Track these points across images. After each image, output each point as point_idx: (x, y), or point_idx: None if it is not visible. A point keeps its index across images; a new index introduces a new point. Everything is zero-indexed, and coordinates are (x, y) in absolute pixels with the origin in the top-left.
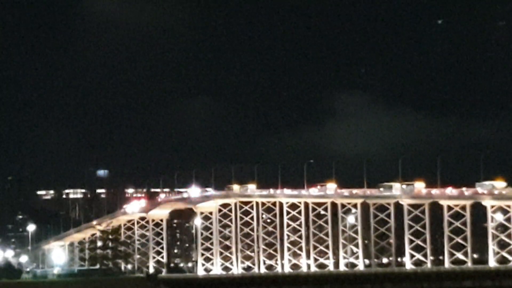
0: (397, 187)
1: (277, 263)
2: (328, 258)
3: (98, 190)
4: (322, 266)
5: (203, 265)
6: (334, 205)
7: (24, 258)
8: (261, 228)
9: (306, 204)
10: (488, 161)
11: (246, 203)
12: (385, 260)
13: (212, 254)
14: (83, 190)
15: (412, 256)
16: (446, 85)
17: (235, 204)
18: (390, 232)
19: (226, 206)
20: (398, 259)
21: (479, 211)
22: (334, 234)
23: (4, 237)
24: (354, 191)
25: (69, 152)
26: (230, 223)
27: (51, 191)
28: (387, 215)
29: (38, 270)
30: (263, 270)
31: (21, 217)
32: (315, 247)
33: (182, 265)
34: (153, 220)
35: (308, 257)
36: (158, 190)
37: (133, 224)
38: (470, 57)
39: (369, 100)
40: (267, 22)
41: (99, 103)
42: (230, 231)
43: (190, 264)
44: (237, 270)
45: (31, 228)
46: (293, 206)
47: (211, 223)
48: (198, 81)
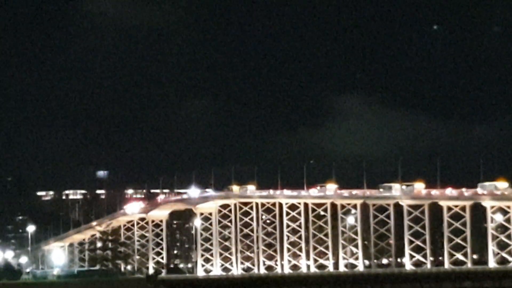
0: (396, 188)
1: (276, 264)
2: (328, 259)
3: (98, 191)
4: (321, 267)
5: (203, 266)
6: (333, 206)
7: (24, 259)
8: (260, 229)
9: (306, 205)
10: (488, 162)
11: (246, 204)
12: (385, 261)
13: (211, 255)
14: (83, 191)
15: (412, 256)
16: (446, 86)
17: (235, 205)
18: (390, 232)
19: (225, 207)
20: (398, 260)
21: (479, 212)
22: (334, 235)
23: (4, 238)
24: (354, 192)
25: (69, 153)
26: (229, 224)
27: (51, 192)
28: (387, 216)
29: (38, 271)
30: (263, 271)
31: (21, 218)
32: (315, 248)
33: (181, 266)
34: (152, 221)
35: (307, 258)
36: (157, 191)
37: (132, 225)
38: (469, 58)
39: (368, 101)
40: (267, 24)
41: (99, 104)
42: (229, 232)
43: (189, 265)
44: (236, 271)
45: (31, 229)
46: (292, 207)
47: (211, 224)
48: (198, 82)
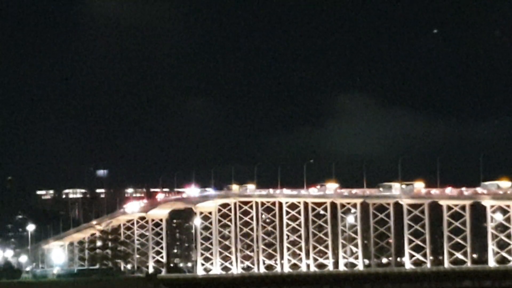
0: (396, 187)
1: (276, 263)
2: (327, 258)
3: (98, 190)
4: (321, 266)
5: (203, 265)
6: (333, 205)
7: (23, 258)
8: (260, 228)
9: (306, 204)
10: (487, 161)
11: (246, 203)
12: (384, 260)
13: (211, 254)
14: (83, 190)
15: (411, 256)
16: (446, 86)
17: (235, 204)
18: (390, 232)
19: (225, 206)
20: (398, 259)
21: (479, 211)
22: (334, 234)
23: (3, 237)
24: (354, 191)
25: (68, 152)
26: (229, 223)
27: (51, 191)
28: (387, 215)
29: (37, 270)
30: (263, 270)
31: (20, 217)
32: (315, 247)
33: (181, 265)
34: (152, 220)
35: (307, 257)
36: (157, 190)
37: (132, 224)
38: (469, 57)
39: (369, 100)
40: (267, 24)
41: (99, 103)
42: (229, 231)
43: (189, 264)
44: (236, 270)
45: (31, 228)
46: (292, 206)
47: (211, 223)
48: (198, 81)
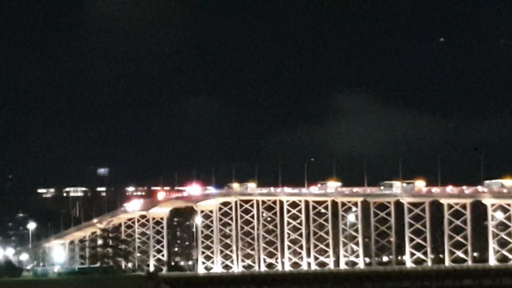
0: (397, 186)
1: (277, 262)
2: (328, 256)
3: (99, 189)
4: (322, 264)
5: (204, 263)
6: (334, 203)
7: (24, 256)
8: (261, 226)
9: (307, 202)
10: (488, 159)
11: (247, 202)
12: (385, 258)
13: (212, 253)
14: (84, 189)
15: (412, 254)
16: (447, 84)
17: (236, 202)
18: (391, 230)
19: (226, 204)
20: (399, 258)
21: (480, 210)
22: (335, 233)
23: (4, 235)
24: (355, 190)
25: (69, 150)
26: (230, 222)
27: (52, 189)
28: (388, 214)
29: (38, 268)
30: (264, 268)
31: (21, 215)
32: (316, 246)
33: (182, 263)
34: (153, 218)
35: (308, 255)
36: (158, 188)
37: (133, 222)
38: (470, 56)
39: (370, 99)
40: (267, 22)
41: (100, 102)
42: (230, 230)
43: (190, 262)
44: (237, 268)
45: (32, 226)
46: (293, 205)
47: (212, 222)
48: (199, 80)
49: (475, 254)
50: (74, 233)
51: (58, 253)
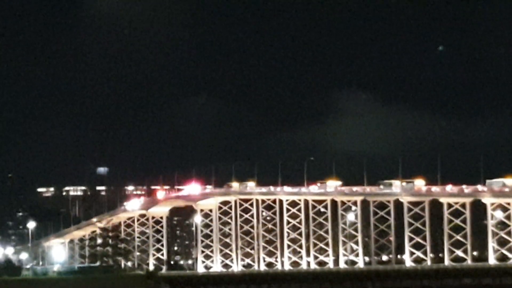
0: (397, 185)
1: (277, 261)
2: (328, 255)
3: (98, 188)
4: (322, 263)
5: (203, 262)
6: (334, 202)
7: (24, 255)
8: (261, 225)
9: (306, 201)
10: (488, 158)
11: (246, 201)
12: (385, 257)
13: (212, 252)
14: (83, 188)
15: (412, 253)
16: (447, 83)
17: (235, 201)
18: (390, 229)
19: (226, 203)
20: (398, 257)
21: (479, 209)
22: (334, 232)
23: (4, 234)
24: (354, 189)
25: (69, 149)
26: (230, 221)
27: (51, 188)
28: (387, 213)
29: (38, 267)
30: (263, 267)
31: (21, 214)
32: (315, 245)
33: (182, 262)
34: (153, 217)
35: (308, 254)
36: (158, 187)
37: (133, 221)
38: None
39: (369, 97)
40: (267, 21)
41: (99, 101)
42: (230, 229)
43: (190, 261)
44: (237, 267)
45: (31, 225)
46: (293, 204)
47: (211, 221)
48: (198, 79)
49: (475, 253)
50: (73, 232)
51: (58, 252)
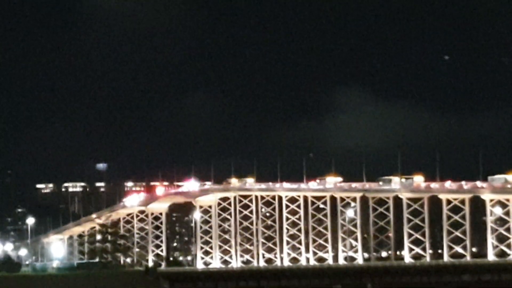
0: (396, 181)
1: (276, 257)
2: (327, 251)
3: (97, 184)
4: (321, 259)
5: (202, 258)
6: (333, 198)
7: (23, 252)
8: (260, 221)
9: (305, 197)
10: (487, 155)
11: (245, 197)
12: (384, 253)
13: (211, 248)
14: (83, 184)
15: (411, 249)
16: (446, 79)
17: (235, 197)
18: (389, 225)
19: (225, 199)
20: (397, 253)
21: (478, 205)
22: (333, 228)
23: (3, 230)
24: (353, 185)
25: (68, 145)
26: (229, 217)
27: (51, 185)
28: (386, 209)
29: (37, 264)
30: (262, 263)
31: (20, 210)
32: (314, 241)
33: (181, 258)
34: (152, 213)
35: (307, 250)
36: (157, 183)
37: (132, 217)
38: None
39: (368, 94)
40: (266, 17)
41: (99, 97)
42: (229, 225)
43: (189, 257)
44: (236, 263)
45: (31, 221)
46: (292, 200)
47: (210, 217)
48: (197, 75)
49: (474, 249)
50: (73, 228)
51: (57, 248)
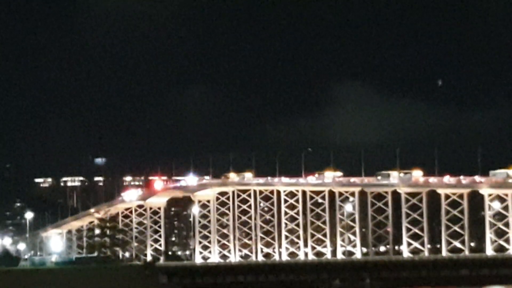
0: (394, 176)
1: (274, 251)
2: (325, 246)
3: (96, 178)
4: (319, 254)
5: (201, 253)
6: (331, 193)
7: (22, 246)
8: (258, 216)
9: (304, 192)
10: (486, 149)
11: (244, 191)
12: (382, 248)
13: (209, 242)
14: (81, 178)
15: (409, 244)
16: (444, 74)
17: (233, 192)
18: (388, 220)
19: (223, 194)
20: (396, 248)
21: (477, 200)
22: (332, 223)
23: (2, 224)
24: (352, 180)
25: (67, 140)
26: (227, 211)
27: (49, 179)
28: (385, 204)
29: (36, 258)
30: (261, 258)
31: (19, 204)
32: (313, 236)
33: (179, 253)
34: (151, 208)
35: (305, 245)
36: (155, 178)
37: (131, 212)
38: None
39: (367, 89)
40: (265, 11)
41: (97, 92)
42: (227, 219)
43: (187, 252)
44: (234, 258)
45: (29, 215)
46: (290, 195)
47: (209, 211)
48: (196, 70)
49: (472, 244)
50: (71, 222)
51: (56, 242)
